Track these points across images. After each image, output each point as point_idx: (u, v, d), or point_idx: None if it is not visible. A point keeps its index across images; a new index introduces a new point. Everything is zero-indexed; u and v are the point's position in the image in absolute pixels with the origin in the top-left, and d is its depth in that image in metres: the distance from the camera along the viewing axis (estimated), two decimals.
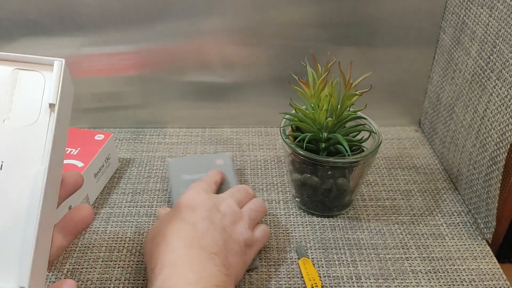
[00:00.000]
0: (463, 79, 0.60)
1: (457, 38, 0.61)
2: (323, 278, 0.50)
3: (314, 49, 0.55)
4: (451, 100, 0.63)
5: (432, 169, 0.67)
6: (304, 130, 0.54)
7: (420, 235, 0.56)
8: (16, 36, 0.64)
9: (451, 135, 0.64)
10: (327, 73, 0.51)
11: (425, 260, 0.52)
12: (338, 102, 0.52)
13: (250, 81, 0.70)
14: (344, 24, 0.65)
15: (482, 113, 0.55)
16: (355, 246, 0.54)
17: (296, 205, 0.60)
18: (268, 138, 0.73)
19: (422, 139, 0.73)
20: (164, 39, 0.66)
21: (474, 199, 0.58)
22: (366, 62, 0.69)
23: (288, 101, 0.54)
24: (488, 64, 0.54)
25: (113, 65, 0.68)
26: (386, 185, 0.63)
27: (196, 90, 0.70)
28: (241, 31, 0.66)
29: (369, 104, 0.54)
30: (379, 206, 0.60)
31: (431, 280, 0.50)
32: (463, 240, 0.55)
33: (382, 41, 0.67)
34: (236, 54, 0.68)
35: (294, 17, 0.65)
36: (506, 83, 0.50)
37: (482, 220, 0.56)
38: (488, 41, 0.54)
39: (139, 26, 0.65)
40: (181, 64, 0.68)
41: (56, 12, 0.63)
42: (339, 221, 0.58)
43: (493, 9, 0.53)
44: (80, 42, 0.65)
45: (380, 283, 0.50)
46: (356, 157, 0.52)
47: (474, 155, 0.57)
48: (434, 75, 0.69)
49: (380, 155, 0.69)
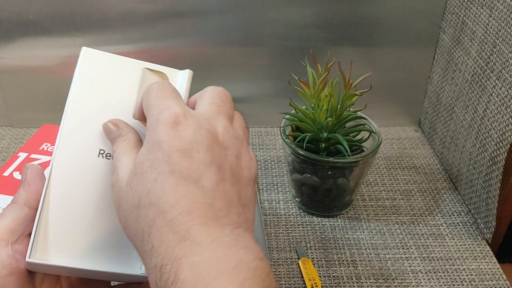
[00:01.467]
0: (463, 79, 0.60)
1: (457, 38, 0.61)
2: (323, 278, 0.50)
3: (314, 49, 0.55)
4: (451, 100, 0.63)
5: (432, 169, 0.67)
6: (304, 130, 0.54)
7: (420, 235, 0.56)
8: (16, 36, 0.64)
9: (451, 135, 0.64)
10: (327, 73, 0.51)
11: (425, 260, 0.52)
12: (338, 102, 0.52)
13: (250, 81, 0.70)
14: (344, 24, 0.65)
15: (482, 113, 0.55)
16: (355, 246, 0.54)
17: (296, 205, 0.60)
18: (268, 138, 0.73)
19: (422, 139, 0.73)
20: (164, 39, 0.66)
21: (474, 199, 0.58)
22: (366, 62, 0.69)
23: (288, 101, 0.54)
24: (488, 64, 0.54)
25: None
26: (386, 185, 0.63)
27: (196, 90, 0.70)
28: (241, 31, 0.66)
29: (369, 104, 0.54)
30: (379, 206, 0.60)
31: (431, 280, 0.50)
32: (463, 240, 0.55)
33: (382, 41, 0.67)
34: (236, 54, 0.68)
35: (294, 17, 0.65)
36: (506, 83, 0.50)
37: (482, 220, 0.56)
38: (488, 41, 0.54)
39: (139, 26, 0.65)
40: (181, 64, 0.68)
41: (56, 12, 0.63)
42: (339, 221, 0.58)
43: (493, 9, 0.53)
44: (80, 42, 0.65)
45: (380, 283, 0.50)
46: (356, 157, 0.52)
47: (474, 155, 0.57)
48: (434, 75, 0.69)
49: (380, 155, 0.69)
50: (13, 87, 0.69)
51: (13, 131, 0.72)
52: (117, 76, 0.36)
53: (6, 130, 0.72)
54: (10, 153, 0.67)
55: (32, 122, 0.71)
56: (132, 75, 0.37)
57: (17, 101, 0.70)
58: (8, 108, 0.71)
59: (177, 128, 0.30)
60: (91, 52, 0.36)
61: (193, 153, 0.30)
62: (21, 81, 0.68)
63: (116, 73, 0.36)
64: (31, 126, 0.72)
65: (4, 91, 0.69)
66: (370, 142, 0.55)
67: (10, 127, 0.73)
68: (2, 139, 0.70)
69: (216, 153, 0.31)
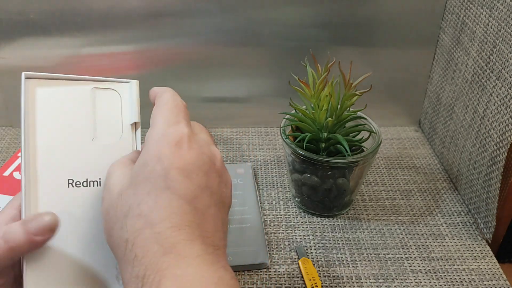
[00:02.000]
0: (463, 79, 0.60)
1: (457, 38, 0.61)
2: (323, 278, 0.50)
3: (314, 49, 0.55)
4: (451, 100, 0.63)
5: (432, 169, 0.67)
6: (304, 130, 0.54)
7: (420, 235, 0.56)
8: (16, 36, 0.64)
9: (451, 135, 0.64)
10: (327, 73, 0.51)
11: (425, 260, 0.52)
12: (338, 102, 0.52)
13: (250, 81, 0.70)
14: (344, 24, 0.65)
15: (482, 113, 0.55)
16: (355, 246, 0.54)
17: (296, 205, 0.60)
18: (268, 138, 0.73)
19: (422, 139, 0.73)
20: (164, 39, 0.66)
21: (474, 199, 0.58)
22: (366, 62, 0.69)
23: (288, 101, 0.54)
24: (488, 64, 0.54)
25: (113, 65, 0.68)
26: (386, 185, 0.63)
27: (196, 90, 0.70)
28: (241, 31, 0.66)
29: (369, 104, 0.54)
30: (379, 206, 0.60)
31: (431, 280, 0.50)
32: (463, 240, 0.55)
33: (382, 41, 0.67)
34: (236, 54, 0.68)
35: (294, 17, 0.65)
36: (506, 83, 0.50)
37: (482, 220, 0.56)
38: (488, 41, 0.54)
39: (139, 26, 0.65)
40: (181, 64, 0.68)
41: (56, 12, 0.63)
42: (339, 221, 0.58)
43: (493, 9, 0.53)
44: (80, 42, 0.65)
45: (380, 283, 0.50)
46: (356, 157, 0.52)
47: (474, 155, 0.57)
48: (434, 75, 0.69)
49: (380, 155, 0.69)
50: (13, 87, 0.69)
51: (13, 131, 0.72)
52: (68, 101, 0.35)
53: (6, 130, 0.72)
54: (10, 153, 0.67)
55: None
56: (83, 97, 0.36)
57: (17, 101, 0.69)
58: (8, 108, 0.71)
59: (181, 147, 0.31)
60: (34, 80, 0.34)
61: (192, 174, 0.31)
62: (21, 81, 0.68)
63: (66, 98, 0.35)
64: None
65: (4, 91, 0.69)
66: (370, 142, 0.55)
67: (10, 127, 0.73)
68: (2, 139, 0.70)
69: (211, 179, 0.32)
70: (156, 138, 0.32)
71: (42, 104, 0.34)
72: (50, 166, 0.33)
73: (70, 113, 0.35)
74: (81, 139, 0.35)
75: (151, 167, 0.30)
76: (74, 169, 0.34)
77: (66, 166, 0.34)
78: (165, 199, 0.29)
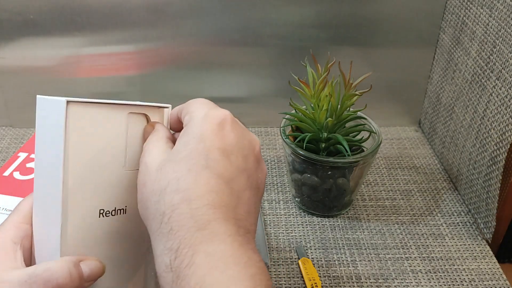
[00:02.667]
0: (463, 79, 0.60)
1: (457, 38, 0.61)
2: (323, 278, 0.50)
3: (314, 49, 0.55)
4: (451, 100, 0.63)
5: (432, 169, 0.67)
6: (304, 130, 0.54)
7: (420, 235, 0.56)
8: (16, 36, 0.64)
9: (451, 135, 0.64)
10: (327, 73, 0.51)
11: (425, 260, 0.52)
12: (338, 102, 0.52)
13: (250, 81, 0.70)
14: (344, 24, 0.65)
15: (482, 113, 0.55)
16: (355, 246, 0.54)
17: (296, 205, 0.60)
18: (268, 138, 0.73)
19: (422, 139, 0.73)
20: (164, 39, 0.66)
21: (474, 199, 0.58)
22: (366, 62, 0.69)
23: (288, 101, 0.54)
24: (488, 64, 0.54)
25: (113, 65, 0.68)
26: (386, 185, 0.63)
27: (196, 90, 0.70)
28: (241, 31, 0.66)
29: (369, 104, 0.54)
30: (379, 206, 0.60)
31: (431, 280, 0.50)
32: (463, 240, 0.55)
33: (382, 41, 0.67)
34: (236, 54, 0.68)
35: (294, 17, 0.65)
36: (506, 83, 0.50)
37: (482, 220, 0.56)
38: (488, 41, 0.54)
39: (139, 26, 0.65)
40: (181, 64, 0.68)
41: (56, 12, 0.63)
42: (339, 221, 0.58)
43: (493, 9, 0.53)
44: (80, 42, 0.65)
45: (380, 283, 0.50)
46: (356, 157, 0.52)
47: (474, 155, 0.57)
48: (434, 75, 0.69)
49: (380, 155, 0.69)
50: (13, 87, 0.69)
51: (13, 131, 0.72)
52: (105, 127, 0.33)
53: (6, 130, 0.72)
54: (10, 153, 0.67)
55: (32, 122, 0.70)
56: (119, 123, 0.34)
57: (17, 101, 0.70)
58: (8, 108, 0.71)
59: (223, 128, 0.32)
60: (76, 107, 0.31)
61: (231, 156, 0.32)
62: (21, 81, 0.68)
63: (104, 123, 0.33)
64: (31, 126, 0.72)
65: (4, 91, 0.69)
66: (370, 142, 0.55)
67: (10, 127, 0.73)
68: (2, 139, 0.70)
69: (249, 163, 0.33)
70: (199, 118, 0.33)
71: (81, 132, 0.32)
72: (83, 195, 0.32)
73: (106, 140, 0.34)
74: (114, 167, 0.34)
75: (193, 145, 0.31)
76: (106, 198, 0.34)
77: (98, 196, 0.33)
78: (204, 177, 0.30)
